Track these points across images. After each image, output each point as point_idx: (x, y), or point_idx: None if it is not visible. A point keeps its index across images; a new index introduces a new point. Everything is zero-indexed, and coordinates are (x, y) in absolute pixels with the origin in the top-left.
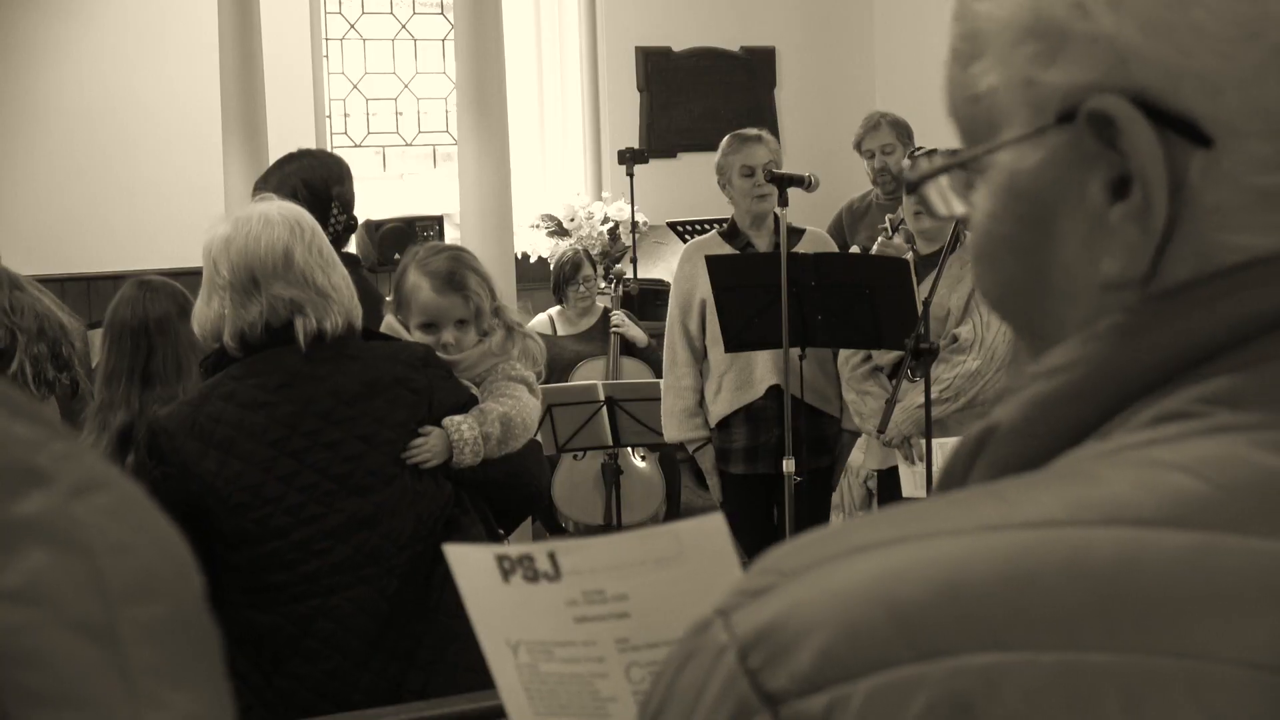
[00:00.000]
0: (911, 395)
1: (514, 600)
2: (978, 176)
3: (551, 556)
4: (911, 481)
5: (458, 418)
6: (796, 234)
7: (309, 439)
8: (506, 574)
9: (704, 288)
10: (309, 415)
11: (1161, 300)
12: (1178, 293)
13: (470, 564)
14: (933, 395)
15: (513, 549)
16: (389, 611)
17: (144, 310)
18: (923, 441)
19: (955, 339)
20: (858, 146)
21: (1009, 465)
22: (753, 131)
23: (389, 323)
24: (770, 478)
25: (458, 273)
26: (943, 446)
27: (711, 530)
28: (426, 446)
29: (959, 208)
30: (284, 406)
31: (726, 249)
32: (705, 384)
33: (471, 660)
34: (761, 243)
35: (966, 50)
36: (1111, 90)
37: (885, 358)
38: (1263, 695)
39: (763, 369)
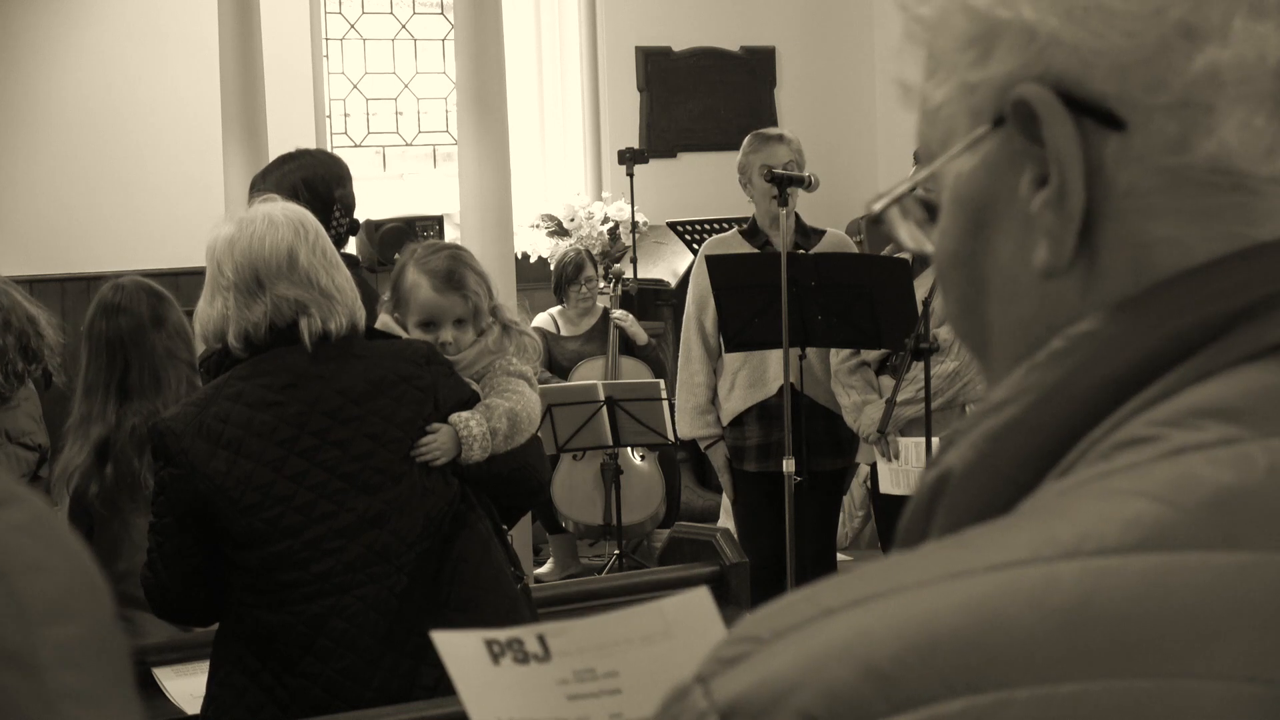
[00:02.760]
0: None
1: (506, 682)
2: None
3: (540, 639)
4: (889, 478)
5: (465, 414)
6: (817, 234)
7: (318, 438)
8: (496, 657)
9: None
10: (317, 414)
11: (1098, 321)
12: (1113, 312)
13: (459, 649)
14: (911, 395)
15: (501, 634)
16: (399, 608)
17: (117, 323)
18: (899, 439)
19: (935, 339)
20: None
21: (970, 507)
22: (775, 131)
23: (385, 321)
24: (783, 475)
25: (457, 271)
26: (917, 446)
27: (696, 604)
28: (436, 444)
29: (927, 244)
30: (292, 406)
31: (746, 247)
32: (719, 381)
33: None
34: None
35: (926, 68)
36: (1031, 79)
37: (872, 354)
38: (1237, 707)
39: (776, 367)
